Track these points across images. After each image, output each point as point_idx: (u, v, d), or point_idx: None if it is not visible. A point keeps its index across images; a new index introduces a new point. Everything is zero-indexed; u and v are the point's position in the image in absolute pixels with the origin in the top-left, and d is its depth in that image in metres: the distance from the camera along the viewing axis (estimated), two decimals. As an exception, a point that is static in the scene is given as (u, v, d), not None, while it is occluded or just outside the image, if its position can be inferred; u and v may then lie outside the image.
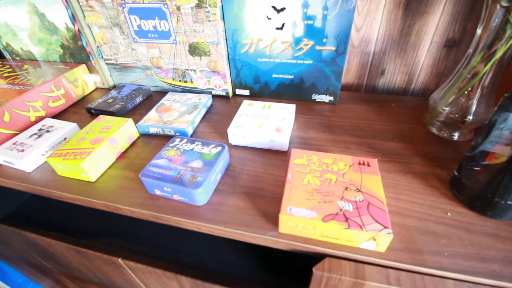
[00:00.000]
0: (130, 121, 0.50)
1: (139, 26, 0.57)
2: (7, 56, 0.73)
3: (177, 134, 0.51)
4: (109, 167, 0.45)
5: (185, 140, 0.45)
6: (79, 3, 0.58)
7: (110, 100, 0.60)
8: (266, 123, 0.48)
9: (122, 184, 0.42)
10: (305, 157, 0.40)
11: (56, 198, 0.43)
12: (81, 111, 0.62)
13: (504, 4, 0.35)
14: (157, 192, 0.39)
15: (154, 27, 0.57)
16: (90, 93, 0.69)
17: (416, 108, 0.58)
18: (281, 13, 0.50)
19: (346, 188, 0.35)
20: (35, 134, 0.50)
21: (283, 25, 0.51)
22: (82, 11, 0.59)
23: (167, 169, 0.39)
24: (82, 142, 0.44)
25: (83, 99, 0.66)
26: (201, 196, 0.37)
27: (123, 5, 0.55)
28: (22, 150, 0.46)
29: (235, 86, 0.63)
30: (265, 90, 0.61)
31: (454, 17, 0.55)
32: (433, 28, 0.58)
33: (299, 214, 0.32)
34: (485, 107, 0.43)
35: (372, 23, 0.58)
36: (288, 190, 0.35)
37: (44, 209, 0.68)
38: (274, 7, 0.50)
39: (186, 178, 0.38)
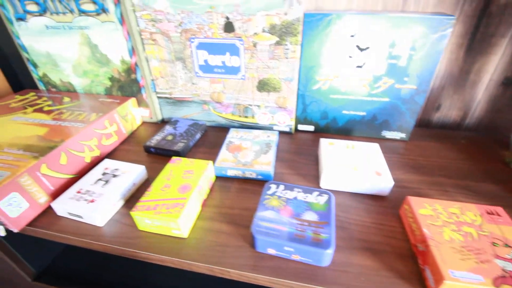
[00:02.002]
0: (210, 164, 0.45)
1: (205, 61, 0.54)
2: (41, 87, 0.67)
3: (260, 177, 0.46)
4: (197, 218, 0.40)
5: (282, 187, 0.40)
6: (141, 36, 0.54)
7: (169, 137, 0.55)
8: (360, 166, 0.45)
9: (218, 239, 0.37)
10: (428, 207, 0.37)
11: (141, 259, 0.37)
12: (134, 149, 0.56)
13: None
14: (271, 251, 0.34)
15: (223, 62, 0.54)
16: (137, 128, 0.64)
17: (484, 144, 0.58)
18: (364, 51, 0.49)
19: (493, 244, 0.32)
20: (100, 179, 0.44)
21: (364, 63, 0.50)
22: (143, 44, 0.55)
23: (280, 224, 0.35)
24: (169, 191, 0.39)
25: (132, 135, 0.61)
26: (330, 256, 0.32)
27: (192, 40, 0.52)
28: (92, 201, 0.40)
29: (298, 121, 0.60)
30: (332, 126, 0.59)
31: (520, 58, 0.57)
32: (493, 67, 0.59)
33: (465, 278, 0.28)
34: None
35: (440, 62, 0.59)
36: (435, 249, 0.31)
37: (79, 259, 0.59)
38: (358, 46, 0.49)
39: (309, 235, 0.33)
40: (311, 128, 0.60)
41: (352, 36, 0.48)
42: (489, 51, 0.57)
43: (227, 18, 0.49)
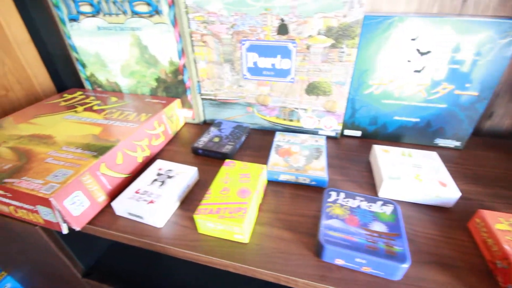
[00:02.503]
0: (265, 167, 0.44)
1: (255, 63, 0.54)
2: (88, 86, 0.69)
3: (313, 183, 0.45)
4: (254, 223, 0.39)
5: (342, 195, 0.39)
6: (191, 37, 0.54)
7: (216, 139, 0.55)
8: (422, 175, 0.43)
9: (278, 246, 0.36)
10: (504, 221, 0.34)
11: (202, 263, 0.36)
12: (180, 149, 0.56)
13: None
14: (339, 261, 0.33)
15: (273, 65, 0.53)
16: (181, 128, 0.64)
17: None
18: (424, 56, 0.47)
19: None
20: (156, 180, 0.44)
21: (423, 68, 0.48)
22: (192, 45, 0.55)
23: (349, 234, 0.33)
24: (228, 195, 0.38)
25: (176, 136, 0.61)
26: (405, 270, 0.31)
27: (243, 42, 0.52)
28: (152, 202, 0.40)
29: (345, 126, 0.59)
30: (380, 132, 0.57)
31: None
32: (554, 74, 0.56)
33: None
34: None
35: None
36: (525, 269, 0.29)
37: (124, 257, 0.60)
38: (418, 50, 0.47)
39: (382, 247, 0.32)
40: (358, 133, 0.59)
41: (413, 39, 0.46)
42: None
43: (282, 20, 0.48)
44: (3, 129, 0.52)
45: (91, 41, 0.61)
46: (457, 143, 0.55)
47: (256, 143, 0.58)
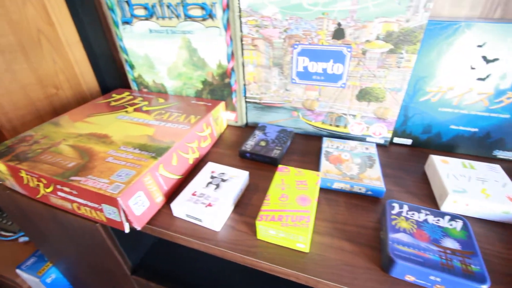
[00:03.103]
0: (320, 175, 0.43)
1: (305, 67, 0.53)
2: (134, 87, 0.71)
3: (369, 193, 0.44)
4: (312, 232, 0.39)
5: (406, 207, 0.38)
6: (242, 41, 0.54)
7: (263, 143, 0.55)
8: (489, 190, 0.40)
9: (342, 258, 0.35)
10: None
11: (260, 269, 0.36)
12: (226, 152, 0.56)
13: None
14: (409, 278, 0.32)
15: (324, 69, 0.52)
16: (224, 131, 0.64)
17: None
18: (490, 63, 0.45)
19: None
20: (211, 183, 0.44)
21: (487, 75, 0.46)
22: (242, 49, 0.55)
23: (420, 249, 0.32)
24: (287, 203, 0.38)
25: (220, 138, 0.62)
26: (485, 292, 0.29)
27: (295, 46, 0.52)
28: (210, 205, 0.40)
29: (395, 134, 0.57)
30: (433, 141, 0.55)
31: None
32: None
33: None
34: None
35: None
36: None
37: (167, 255, 0.61)
38: (484, 57, 0.45)
39: (458, 266, 0.30)
40: (408, 141, 0.57)
41: (479, 46, 0.44)
42: None
43: (339, 24, 0.47)
44: (61, 127, 0.54)
45: (141, 44, 0.62)
46: (519, 156, 0.51)
47: (301, 148, 0.57)
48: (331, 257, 0.35)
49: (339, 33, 0.48)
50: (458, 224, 0.35)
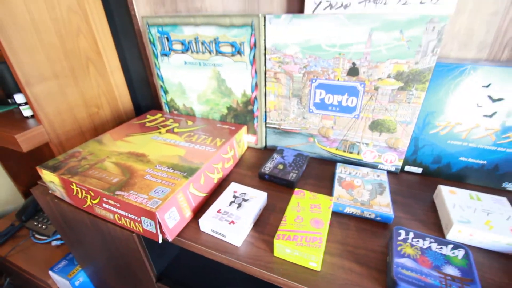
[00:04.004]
0: (333, 199, 0.48)
1: (321, 99, 0.59)
2: (166, 109, 0.79)
3: (378, 218, 0.47)
4: (323, 253, 0.43)
5: (412, 234, 0.41)
6: (265, 75, 0.61)
7: (280, 166, 0.60)
8: (493, 221, 0.43)
9: (351, 278, 0.39)
10: None
11: (275, 283, 0.40)
12: (246, 173, 0.62)
13: None
14: (412, 300, 0.35)
15: (339, 102, 0.57)
16: (244, 152, 0.70)
17: None
18: (496, 102, 0.48)
19: None
20: (233, 202, 0.49)
21: (493, 113, 0.49)
22: (265, 81, 0.62)
23: (423, 274, 0.35)
24: (302, 224, 0.43)
25: (241, 159, 0.67)
26: (483, 318, 0.32)
27: (313, 81, 0.57)
28: (232, 222, 0.45)
29: (406, 162, 0.60)
30: (443, 171, 0.58)
31: None
32: None
33: None
34: None
35: None
36: None
37: (190, 267, 0.66)
38: (490, 97, 0.48)
39: (457, 292, 0.33)
40: (419, 170, 0.60)
41: (485, 86, 0.48)
42: None
43: (354, 64, 0.53)
44: (104, 145, 0.62)
45: (176, 73, 0.70)
46: (529, 189, 0.53)
47: (316, 172, 0.62)
48: (340, 277, 0.39)
49: (353, 71, 0.53)
50: (460, 253, 0.38)
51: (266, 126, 0.68)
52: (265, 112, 0.66)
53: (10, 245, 0.96)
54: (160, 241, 0.45)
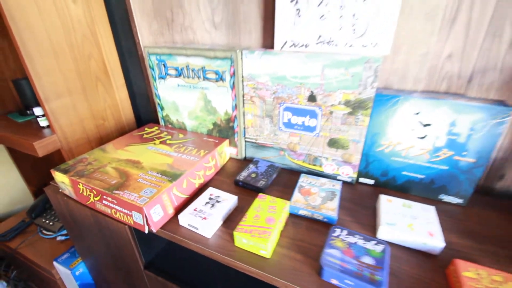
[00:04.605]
0: (288, 203, 0.58)
1: (289, 119, 0.70)
2: (162, 123, 0.91)
3: (325, 220, 0.58)
4: (276, 245, 0.53)
5: (345, 232, 0.51)
6: (243, 97, 0.73)
7: (253, 175, 0.71)
8: (415, 225, 0.53)
9: (293, 264, 0.49)
10: (472, 270, 0.43)
11: (234, 267, 0.50)
12: (225, 180, 0.73)
13: None
14: (334, 281, 0.45)
15: (303, 122, 0.69)
16: (226, 162, 0.81)
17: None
18: (426, 127, 0.59)
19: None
20: (208, 202, 0.60)
21: (425, 136, 0.60)
22: (243, 103, 0.74)
23: (343, 261, 0.45)
24: (259, 221, 0.53)
25: (223, 168, 0.78)
26: (383, 295, 0.42)
27: (281, 104, 0.69)
28: (205, 218, 0.56)
29: (360, 174, 0.70)
30: (390, 183, 0.68)
31: None
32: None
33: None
34: None
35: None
36: (476, 307, 0.38)
37: (175, 258, 0.76)
38: (420, 122, 0.59)
39: (366, 275, 0.43)
40: (371, 182, 0.70)
41: (416, 113, 0.58)
42: (557, 132, 0.61)
43: (312, 92, 0.64)
44: (107, 153, 0.74)
45: (171, 93, 0.83)
46: (459, 200, 0.63)
47: (284, 180, 0.73)
48: (285, 263, 0.49)
49: (312, 98, 0.65)
50: (380, 248, 0.48)
51: (245, 140, 0.80)
52: (244, 128, 0.78)
53: (20, 238, 1.08)
54: (146, 231, 0.56)
